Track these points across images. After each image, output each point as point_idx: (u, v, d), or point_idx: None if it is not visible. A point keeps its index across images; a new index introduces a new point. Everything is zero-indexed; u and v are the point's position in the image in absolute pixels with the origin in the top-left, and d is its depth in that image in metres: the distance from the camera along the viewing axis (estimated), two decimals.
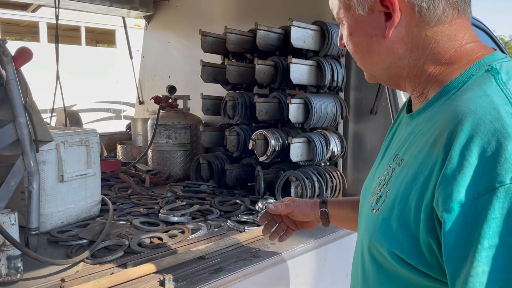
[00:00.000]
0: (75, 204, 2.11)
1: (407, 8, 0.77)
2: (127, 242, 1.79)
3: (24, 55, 1.69)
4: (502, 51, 3.93)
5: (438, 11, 0.76)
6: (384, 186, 0.80)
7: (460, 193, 0.61)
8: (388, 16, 0.78)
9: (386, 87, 2.47)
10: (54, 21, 2.80)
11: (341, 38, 0.90)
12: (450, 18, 0.77)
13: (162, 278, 1.46)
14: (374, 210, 0.79)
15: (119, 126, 9.23)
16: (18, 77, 1.65)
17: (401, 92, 2.54)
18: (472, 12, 0.84)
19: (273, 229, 1.31)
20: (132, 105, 9.89)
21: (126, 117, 9.99)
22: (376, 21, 0.80)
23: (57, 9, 2.77)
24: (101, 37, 11.78)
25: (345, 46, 0.89)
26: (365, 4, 0.79)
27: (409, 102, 0.91)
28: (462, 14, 0.78)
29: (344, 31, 0.87)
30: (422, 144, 0.73)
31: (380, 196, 0.79)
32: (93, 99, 9.58)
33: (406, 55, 0.80)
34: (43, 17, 8.28)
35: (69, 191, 2.08)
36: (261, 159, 2.54)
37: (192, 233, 1.94)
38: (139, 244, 1.81)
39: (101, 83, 9.62)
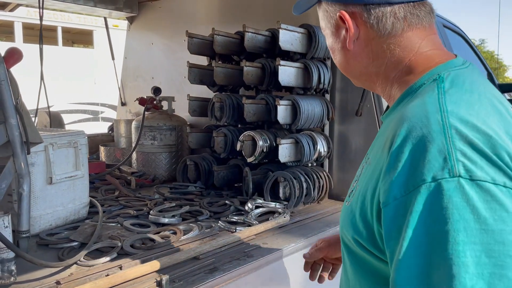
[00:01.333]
0: (64, 206, 2.09)
1: (362, 24, 0.90)
2: (119, 244, 1.78)
3: (14, 56, 1.67)
4: (477, 55, 4.07)
5: (387, 26, 0.88)
6: (356, 182, 0.92)
7: (394, 190, 0.71)
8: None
9: None
10: (29, 21, 2.75)
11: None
12: (401, 32, 0.88)
13: (158, 279, 1.46)
14: (347, 203, 0.91)
15: (97, 127, 9.09)
16: (8, 78, 1.63)
17: None
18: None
19: (320, 272, 1.38)
20: (110, 106, 9.77)
21: (104, 119, 9.85)
22: (341, 36, 0.94)
23: (41, 9, 2.72)
24: (78, 38, 11.56)
25: None
26: (332, 22, 0.94)
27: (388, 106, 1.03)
28: (414, 26, 0.88)
29: (327, 42, 1.02)
30: (379, 144, 0.83)
31: (352, 191, 0.91)
32: (70, 100, 9.40)
33: (369, 63, 0.93)
34: (19, 16, 8.08)
35: (57, 193, 2.05)
36: (249, 160, 2.57)
37: (184, 234, 1.95)
38: (132, 246, 1.81)
39: (78, 84, 9.45)
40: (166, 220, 2.12)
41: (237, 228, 2.03)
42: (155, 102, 3.33)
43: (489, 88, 0.82)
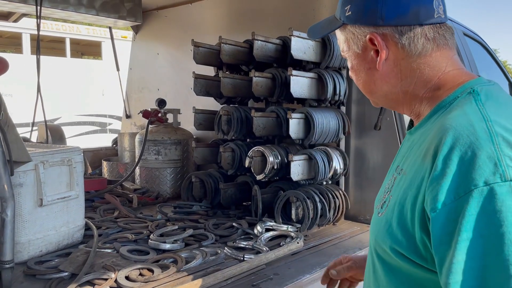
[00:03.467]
0: (56, 230, 1.91)
1: (392, 45, 0.93)
2: (113, 275, 1.59)
3: None
4: (497, 63, 3.87)
5: (419, 46, 0.92)
6: (388, 193, 0.92)
7: (444, 195, 0.73)
8: (378, 52, 0.94)
9: None
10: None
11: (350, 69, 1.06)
12: (430, 52, 0.92)
13: None
14: (380, 214, 0.91)
15: (104, 140, 8.97)
16: None
17: None
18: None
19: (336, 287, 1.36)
20: (118, 118, 9.66)
21: (111, 131, 9.73)
22: (369, 57, 0.96)
23: (38, 19, 2.58)
24: (87, 49, 11.53)
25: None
26: (359, 44, 0.96)
27: (412, 121, 1.04)
28: (442, 47, 0.93)
29: (349, 65, 1.03)
30: (416, 155, 0.85)
31: (385, 202, 0.92)
32: (78, 112, 9.31)
33: (397, 83, 0.95)
34: (26, 28, 8.04)
35: (49, 216, 1.87)
36: (259, 177, 2.37)
37: (186, 263, 1.75)
38: (127, 277, 1.62)
39: (86, 96, 9.37)
40: (167, 246, 1.93)
41: (245, 256, 1.83)
42: (159, 114, 3.17)
43: None
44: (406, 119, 2.33)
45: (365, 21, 0.94)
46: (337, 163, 2.37)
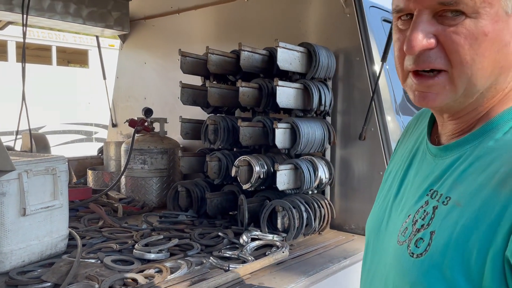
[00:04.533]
0: (39, 240, 1.89)
1: None
2: (97, 286, 1.58)
3: None
4: None
5: None
6: (424, 226, 0.71)
7: None
8: None
9: (375, 111, 2.37)
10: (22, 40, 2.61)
11: (426, 37, 0.68)
12: None
13: None
14: (415, 255, 0.70)
15: (90, 148, 8.89)
16: None
17: (389, 116, 2.45)
18: None
19: None
20: (104, 127, 9.60)
21: (97, 139, 9.65)
22: (511, 27, 0.68)
23: (24, 27, 2.57)
24: (73, 57, 11.46)
25: (428, 48, 0.68)
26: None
27: (429, 131, 0.85)
28: None
29: (469, 26, 0.66)
30: (479, 183, 0.66)
31: (421, 239, 0.70)
32: (64, 120, 9.22)
33: (508, 75, 0.71)
34: (12, 35, 7.97)
35: (32, 225, 1.85)
36: (245, 187, 2.38)
37: (171, 273, 1.75)
38: None
39: (73, 104, 9.29)
40: (152, 256, 1.91)
41: (230, 266, 1.83)
42: (146, 124, 3.16)
43: None
44: (390, 128, 2.37)
45: None
46: (323, 173, 2.39)
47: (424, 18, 0.68)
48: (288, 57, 2.29)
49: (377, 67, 2.39)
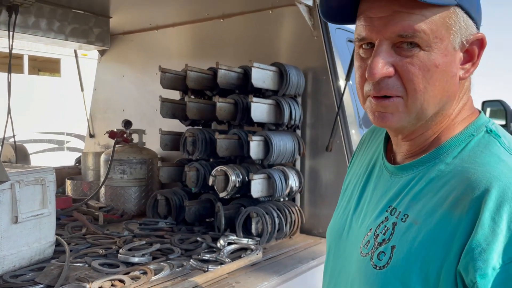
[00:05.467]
0: (29, 246, 2.01)
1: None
2: (88, 286, 1.72)
3: None
4: None
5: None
6: (385, 241, 0.78)
7: (494, 259, 0.65)
8: (466, 58, 0.77)
9: (340, 125, 2.60)
10: None
11: (385, 66, 0.75)
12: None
13: None
14: (378, 267, 0.77)
15: (62, 157, 8.84)
16: None
17: (353, 129, 2.69)
18: None
19: None
20: (76, 136, 9.56)
21: (69, 149, 9.60)
22: (459, 60, 0.77)
23: (11, 42, 2.68)
24: (44, 65, 11.37)
25: (386, 76, 0.75)
26: (462, 39, 0.75)
27: (385, 149, 0.92)
28: None
29: (423, 59, 0.74)
30: (434, 203, 0.74)
31: (383, 252, 0.78)
32: (35, 129, 9.14)
33: (456, 102, 0.79)
34: None
35: (22, 232, 1.97)
36: (221, 195, 2.56)
37: (155, 274, 1.90)
38: None
39: (44, 113, 9.22)
40: (136, 260, 2.06)
41: (209, 267, 2.00)
42: (125, 135, 3.29)
43: None
44: (353, 140, 2.61)
45: (477, 14, 0.76)
46: (293, 182, 2.60)
47: (384, 49, 0.75)
48: (262, 76, 2.50)
49: (342, 85, 2.63)
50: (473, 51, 0.77)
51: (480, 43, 0.77)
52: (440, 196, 0.74)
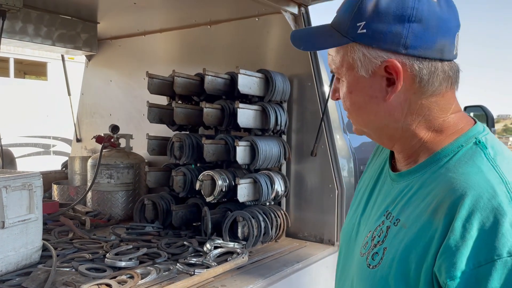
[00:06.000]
0: (15, 251, 2.01)
1: (409, 77, 0.83)
2: None
3: None
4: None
5: (436, 83, 0.83)
6: (380, 243, 0.86)
7: (463, 263, 0.69)
8: (389, 81, 0.84)
9: (324, 130, 2.66)
10: None
11: (336, 92, 0.95)
12: (444, 90, 0.85)
13: None
14: (371, 266, 0.85)
15: (48, 161, 8.75)
16: None
17: (337, 134, 2.75)
18: None
19: None
20: (63, 140, 9.47)
21: (55, 153, 9.51)
22: (377, 84, 0.85)
23: None
24: (30, 69, 11.25)
25: (337, 99, 0.95)
26: (368, 68, 0.84)
27: (391, 155, 1.00)
28: (453, 87, 0.87)
29: (342, 87, 0.91)
30: (421, 209, 0.80)
31: (377, 253, 0.85)
32: (21, 133, 9.04)
33: (401, 119, 0.87)
34: None
35: (9, 237, 1.98)
36: (208, 199, 2.59)
37: (142, 278, 1.93)
38: None
39: (30, 117, 9.13)
40: (123, 264, 2.09)
41: (195, 271, 2.03)
42: (112, 140, 3.30)
43: None
44: (338, 146, 2.67)
45: (384, 44, 0.82)
46: (279, 186, 2.65)
47: (334, 78, 0.96)
48: (248, 82, 2.54)
49: (326, 91, 2.69)
50: (391, 75, 0.84)
51: (391, 68, 0.82)
52: (426, 202, 0.80)
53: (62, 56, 3.96)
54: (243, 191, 2.49)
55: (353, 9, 0.84)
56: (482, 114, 4.90)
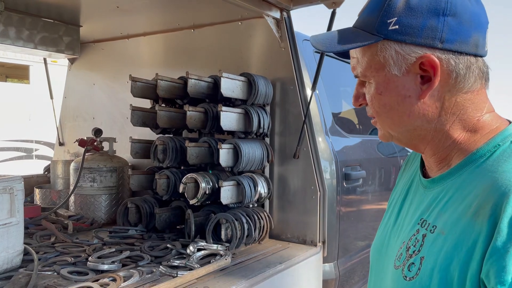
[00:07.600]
0: None
1: (444, 73, 0.80)
2: None
3: None
4: None
5: (471, 80, 0.80)
6: (415, 252, 0.82)
7: None
8: (424, 78, 0.81)
9: (307, 133, 2.70)
10: None
11: (358, 97, 0.91)
12: (479, 88, 0.82)
13: None
14: (408, 278, 0.81)
15: (31, 166, 8.64)
16: None
17: (319, 137, 2.79)
18: None
19: None
20: (45, 144, 9.36)
21: (38, 157, 9.39)
22: (411, 82, 0.82)
23: None
24: (12, 72, 11.10)
25: (361, 105, 0.91)
26: (402, 65, 0.81)
27: (421, 165, 0.96)
28: (486, 85, 0.84)
29: (369, 90, 0.87)
30: (459, 213, 0.77)
31: (413, 263, 0.81)
32: (2, 137, 8.90)
33: (434, 118, 0.83)
34: None
35: None
36: (192, 202, 2.60)
37: (124, 281, 1.93)
38: None
39: (12, 121, 9.00)
40: (105, 267, 2.08)
41: (178, 273, 2.04)
42: (95, 143, 3.29)
43: None
44: (320, 148, 2.71)
45: (419, 39, 0.79)
46: (262, 188, 2.67)
47: (358, 82, 0.92)
48: (231, 86, 2.57)
49: (308, 94, 2.73)
50: (425, 71, 0.81)
51: (428, 63, 0.80)
52: (464, 205, 0.76)
53: (45, 59, 3.93)
54: (227, 194, 2.51)
55: (382, 6, 0.82)
56: None
